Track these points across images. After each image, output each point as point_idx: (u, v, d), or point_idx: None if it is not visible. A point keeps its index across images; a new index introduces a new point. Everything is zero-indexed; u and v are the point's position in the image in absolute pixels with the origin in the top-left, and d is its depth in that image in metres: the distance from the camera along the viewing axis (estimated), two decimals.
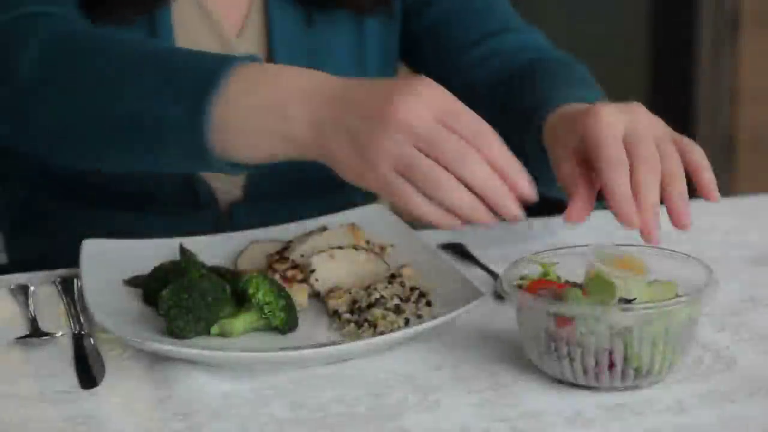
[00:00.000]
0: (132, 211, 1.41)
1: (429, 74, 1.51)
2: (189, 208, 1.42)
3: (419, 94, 1.03)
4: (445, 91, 1.05)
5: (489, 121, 1.04)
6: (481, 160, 1.02)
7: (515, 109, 1.30)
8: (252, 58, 1.12)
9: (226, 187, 1.42)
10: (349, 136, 1.04)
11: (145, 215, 1.39)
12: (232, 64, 1.10)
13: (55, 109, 1.17)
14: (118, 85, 1.14)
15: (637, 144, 1.07)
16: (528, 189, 1.03)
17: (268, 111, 1.08)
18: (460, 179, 1.02)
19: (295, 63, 1.41)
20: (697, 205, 1.52)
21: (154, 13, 1.35)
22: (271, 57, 1.42)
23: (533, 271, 1.07)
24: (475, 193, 1.03)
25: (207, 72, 1.10)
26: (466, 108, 1.04)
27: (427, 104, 1.03)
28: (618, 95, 1.19)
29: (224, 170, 1.13)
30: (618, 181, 1.05)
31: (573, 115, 1.13)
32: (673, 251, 1.09)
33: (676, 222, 1.07)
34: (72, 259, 1.23)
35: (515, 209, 1.03)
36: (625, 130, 1.08)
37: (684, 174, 1.09)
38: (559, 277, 1.06)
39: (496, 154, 1.03)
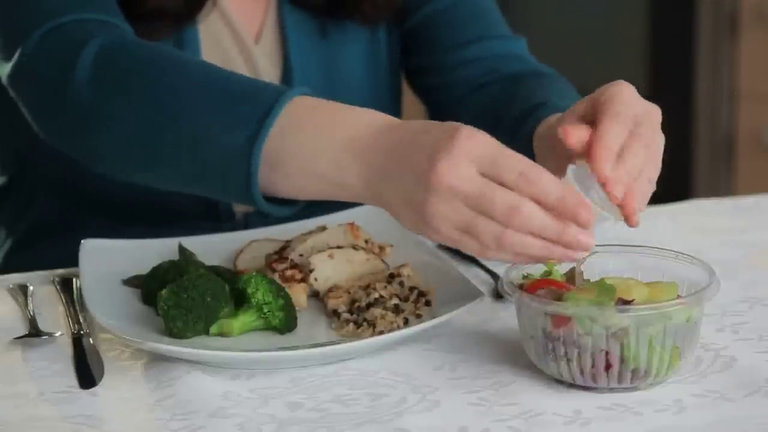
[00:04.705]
0: (152, 224, 1.42)
1: (410, 72, 1.53)
2: (208, 221, 1.42)
3: (459, 151, 0.99)
4: (484, 136, 1.01)
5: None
6: (533, 206, 0.99)
7: (501, 116, 1.31)
8: (306, 91, 1.11)
9: None
10: (404, 195, 1.02)
11: (165, 228, 1.39)
12: (288, 97, 1.09)
13: (108, 115, 1.16)
14: (176, 103, 1.13)
15: (645, 128, 1.05)
16: (587, 218, 0.99)
17: (319, 156, 1.06)
18: (520, 229, 0.99)
19: (310, 70, 1.44)
20: (697, 205, 1.53)
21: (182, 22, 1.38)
22: (287, 64, 1.44)
23: (537, 270, 1.06)
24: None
25: (263, 104, 1.09)
26: (506, 150, 1.00)
27: (468, 160, 0.99)
28: None
29: (263, 207, 1.11)
30: (612, 131, 1.03)
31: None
32: (677, 252, 1.08)
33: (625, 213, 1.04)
34: None
35: (585, 241, 1.00)
36: (639, 112, 1.07)
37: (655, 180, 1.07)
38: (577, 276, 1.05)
39: (546, 191, 0.99)
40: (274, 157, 1.08)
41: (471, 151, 1.00)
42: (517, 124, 1.26)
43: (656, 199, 1.43)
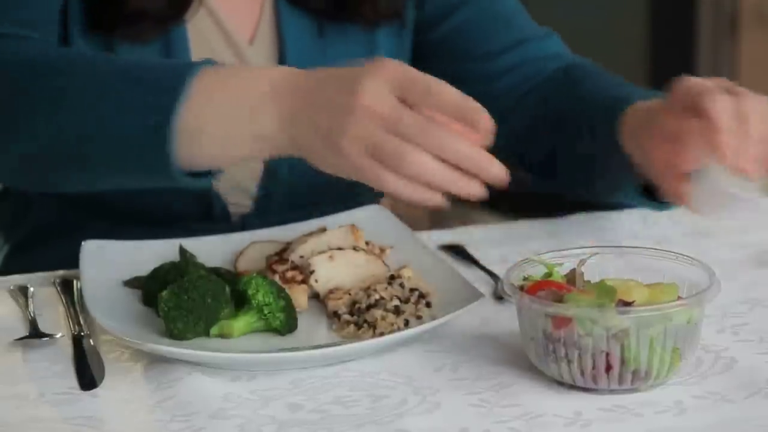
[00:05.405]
0: (146, 225, 1.42)
1: None
2: (203, 223, 1.42)
3: (379, 77, 1.03)
4: (402, 65, 1.05)
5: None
6: (442, 129, 1.02)
7: (569, 116, 1.30)
8: (212, 63, 1.13)
9: (239, 200, 1.42)
10: (318, 129, 1.05)
11: (160, 230, 1.39)
12: (193, 71, 1.11)
13: (14, 130, 1.17)
14: (80, 105, 1.14)
15: (744, 99, 1.10)
16: (486, 125, 1.02)
17: (235, 113, 1.09)
18: (430, 152, 1.02)
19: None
20: None
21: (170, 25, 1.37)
22: (283, 65, 1.43)
23: (538, 271, 1.06)
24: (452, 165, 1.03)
25: (169, 84, 1.11)
26: (420, 76, 1.03)
27: (387, 85, 1.03)
28: None
29: (186, 184, 1.13)
30: (720, 116, 1.06)
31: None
32: (677, 253, 1.08)
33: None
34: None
35: (496, 171, 1.02)
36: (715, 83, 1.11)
37: None
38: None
39: (446, 106, 1.02)
40: (191, 130, 1.10)
41: (390, 78, 1.03)
42: (598, 120, 1.26)
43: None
